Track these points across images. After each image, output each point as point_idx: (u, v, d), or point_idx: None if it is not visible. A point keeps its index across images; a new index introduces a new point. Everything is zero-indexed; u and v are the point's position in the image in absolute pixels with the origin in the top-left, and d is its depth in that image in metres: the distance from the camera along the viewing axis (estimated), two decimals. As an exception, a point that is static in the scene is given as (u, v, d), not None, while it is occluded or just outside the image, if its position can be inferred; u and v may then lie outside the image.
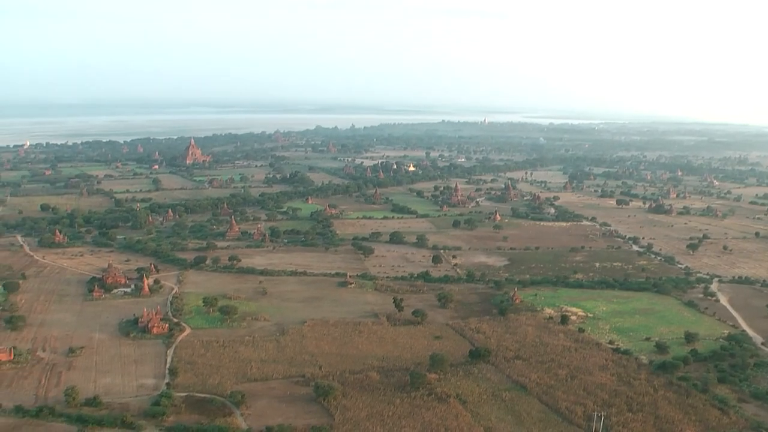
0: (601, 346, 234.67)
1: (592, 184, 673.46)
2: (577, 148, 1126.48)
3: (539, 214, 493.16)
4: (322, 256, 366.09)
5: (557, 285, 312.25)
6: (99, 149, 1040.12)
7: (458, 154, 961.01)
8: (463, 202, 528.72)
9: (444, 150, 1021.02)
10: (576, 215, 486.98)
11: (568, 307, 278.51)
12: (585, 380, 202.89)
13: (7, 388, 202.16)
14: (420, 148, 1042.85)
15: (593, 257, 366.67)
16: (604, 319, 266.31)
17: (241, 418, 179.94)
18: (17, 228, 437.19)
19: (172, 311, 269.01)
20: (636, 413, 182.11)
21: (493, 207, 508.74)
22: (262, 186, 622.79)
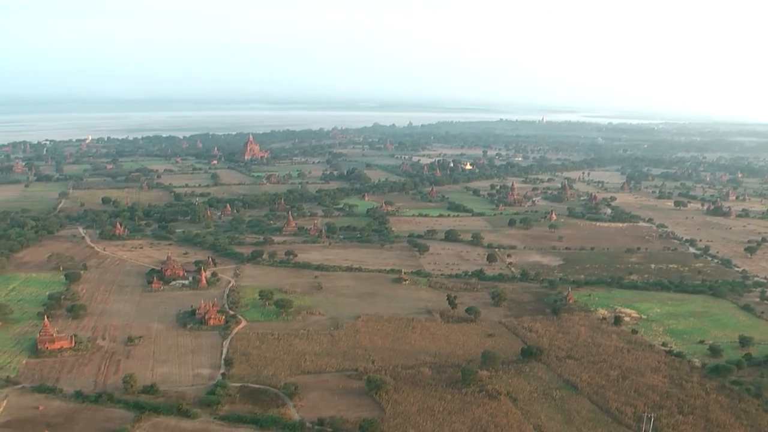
0: (654, 348, 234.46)
1: (650, 185, 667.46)
2: (636, 148, 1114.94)
3: (596, 214, 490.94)
4: (377, 252, 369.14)
5: (611, 286, 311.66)
6: (159, 144, 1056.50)
7: (515, 153, 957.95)
8: (519, 201, 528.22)
9: (501, 149, 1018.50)
10: (633, 216, 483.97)
11: (622, 308, 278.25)
12: (636, 381, 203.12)
13: (68, 374, 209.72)
14: (477, 146, 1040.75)
15: (649, 259, 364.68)
16: (658, 321, 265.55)
17: (294, 409, 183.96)
18: (79, 220, 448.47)
19: (228, 304, 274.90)
20: (686, 416, 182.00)
21: (550, 206, 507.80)
22: (319, 182, 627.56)
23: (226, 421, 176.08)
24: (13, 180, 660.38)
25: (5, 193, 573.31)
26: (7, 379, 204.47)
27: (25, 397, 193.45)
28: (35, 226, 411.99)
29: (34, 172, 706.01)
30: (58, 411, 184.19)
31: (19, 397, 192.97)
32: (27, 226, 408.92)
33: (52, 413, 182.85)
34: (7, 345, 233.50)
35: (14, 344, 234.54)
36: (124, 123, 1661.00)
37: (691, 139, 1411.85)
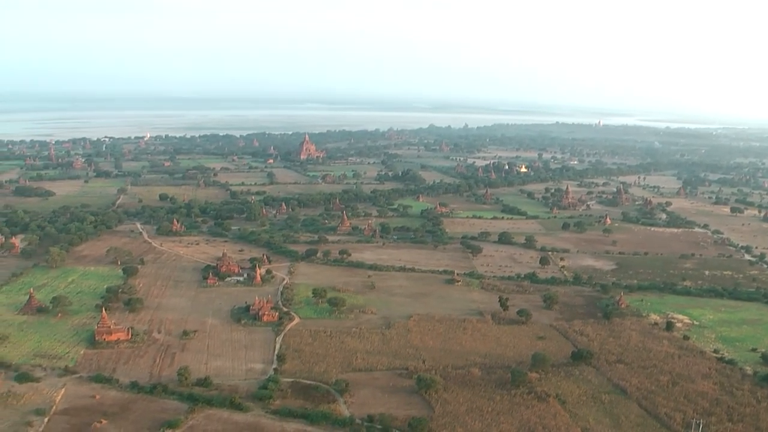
0: (706, 355, 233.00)
1: (706, 190, 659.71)
2: (693, 153, 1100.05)
3: (650, 219, 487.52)
4: (430, 253, 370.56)
5: (664, 291, 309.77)
6: (216, 142, 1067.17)
7: (571, 156, 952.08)
8: (574, 205, 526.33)
9: (557, 152, 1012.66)
10: (688, 222, 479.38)
11: (674, 314, 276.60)
12: (686, 387, 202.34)
13: (124, 365, 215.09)
14: (532, 149, 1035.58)
15: (703, 265, 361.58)
16: (711, 327, 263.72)
17: (344, 405, 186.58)
18: (137, 216, 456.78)
19: (282, 301, 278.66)
20: (736, 423, 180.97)
21: (604, 210, 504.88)
22: (374, 183, 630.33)
23: (278, 415, 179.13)
24: (73, 176, 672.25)
25: (66, 188, 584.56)
26: (65, 368, 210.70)
27: (83, 386, 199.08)
28: (94, 221, 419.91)
29: (93, 168, 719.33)
30: (113, 400, 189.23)
31: (77, 386, 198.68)
32: (86, 221, 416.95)
33: (108, 402, 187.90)
34: (65, 336, 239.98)
35: (73, 335, 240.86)
36: (181, 121, 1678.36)
37: (750, 144, 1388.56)
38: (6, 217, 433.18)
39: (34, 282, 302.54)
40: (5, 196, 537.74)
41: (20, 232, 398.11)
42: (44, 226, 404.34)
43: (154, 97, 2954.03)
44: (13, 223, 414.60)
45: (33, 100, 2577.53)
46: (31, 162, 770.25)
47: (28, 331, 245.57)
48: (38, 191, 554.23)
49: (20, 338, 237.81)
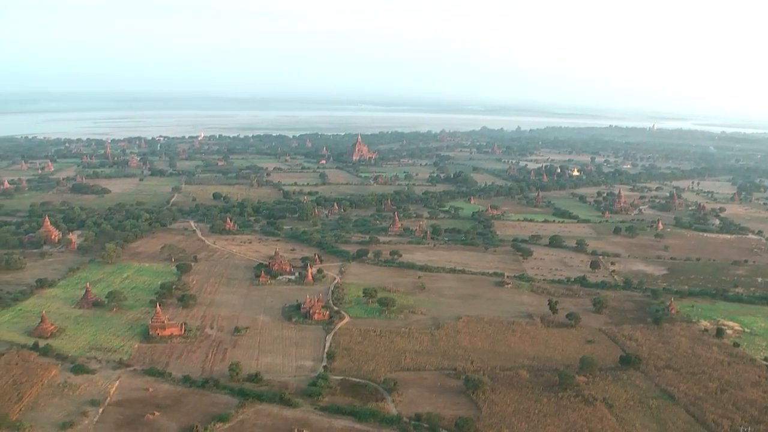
0: (756, 362, 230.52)
1: (761, 196, 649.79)
2: (749, 158, 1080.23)
3: (703, 224, 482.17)
4: (481, 255, 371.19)
5: (716, 298, 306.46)
6: (269, 142, 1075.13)
7: (624, 160, 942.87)
8: (626, 209, 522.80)
9: (609, 155, 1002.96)
10: (742, 228, 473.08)
11: (725, 320, 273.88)
12: (735, 395, 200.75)
13: (177, 359, 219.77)
14: (585, 152, 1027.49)
15: (756, 272, 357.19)
16: (762, 335, 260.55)
17: (392, 404, 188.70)
18: (191, 214, 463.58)
19: (333, 300, 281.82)
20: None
21: (656, 215, 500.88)
22: (426, 184, 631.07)
23: (326, 412, 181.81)
24: (129, 174, 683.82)
25: (121, 186, 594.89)
26: (120, 361, 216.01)
27: (136, 379, 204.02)
28: (149, 219, 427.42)
29: (148, 166, 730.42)
30: (166, 393, 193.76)
31: (131, 379, 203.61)
32: (141, 218, 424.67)
33: (161, 395, 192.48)
34: (120, 329, 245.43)
35: (127, 329, 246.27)
36: (234, 121, 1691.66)
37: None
38: (63, 214, 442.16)
39: (90, 277, 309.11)
40: (63, 193, 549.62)
41: (77, 228, 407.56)
42: (100, 223, 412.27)
43: (208, 97, 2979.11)
44: (70, 220, 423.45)
45: (90, 100, 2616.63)
46: (88, 160, 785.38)
47: (84, 324, 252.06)
48: (94, 189, 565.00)
49: (76, 331, 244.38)
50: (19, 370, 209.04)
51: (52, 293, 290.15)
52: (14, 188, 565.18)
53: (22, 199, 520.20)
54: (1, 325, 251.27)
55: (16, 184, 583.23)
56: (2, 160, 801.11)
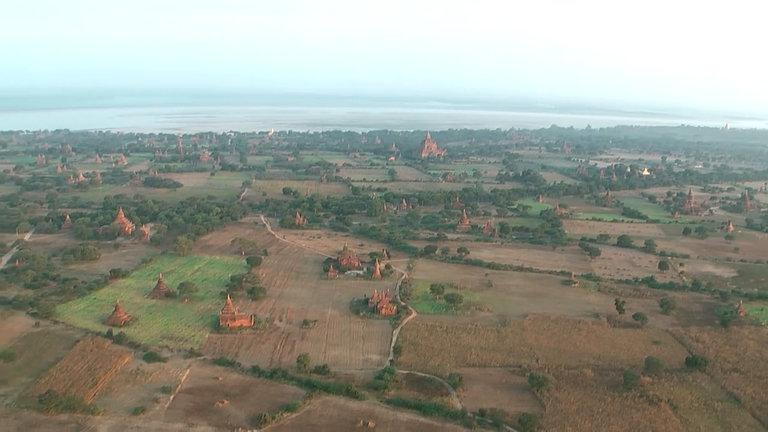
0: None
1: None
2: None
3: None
4: (548, 254, 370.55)
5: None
6: (338, 139, 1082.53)
7: (695, 160, 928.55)
8: (696, 210, 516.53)
9: (681, 155, 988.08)
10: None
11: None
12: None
13: (246, 350, 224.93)
14: (656, 152, 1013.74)
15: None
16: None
17: (457, 399, 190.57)
18: (261, 208, 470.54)
19: (400, 295, 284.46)
20: None
21: (727, 217, 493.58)
22: (495, 182, 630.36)
23: (392, 405, 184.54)
24: (200, 168, 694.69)
25: (193, 180, 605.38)
26: (190, 350, 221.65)
27: (206, 368, 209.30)
28: (220, 212, 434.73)
29: (219, 161, 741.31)
30: (235, 383, 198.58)
31: (201, 368, 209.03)
32: (212, 212, 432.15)
33: (230, 384, 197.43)
34: (192, 320, 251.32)
35: (198, 320, 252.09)
36: (304, 117, 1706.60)
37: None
38: (137, 207, 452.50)
39: (163, 268, 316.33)
40: (136, 187, 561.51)
41: (150, 220, 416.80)
42: (172, 216, 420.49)
43: (278, 93, 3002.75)
44: (143, 212, 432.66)
45: (162, 96, 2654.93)
46: (160, 154, 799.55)
47: (156, 314, 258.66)
48: (167, 182, 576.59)
49: (149, 320, 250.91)
50: (93, 357, 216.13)
51: (125, 283, 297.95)
52: (89, 181, 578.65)
53: (96, 192, 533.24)
54: (77, 313, 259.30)
55: (91, 177, 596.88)
56: (78, 153, 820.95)
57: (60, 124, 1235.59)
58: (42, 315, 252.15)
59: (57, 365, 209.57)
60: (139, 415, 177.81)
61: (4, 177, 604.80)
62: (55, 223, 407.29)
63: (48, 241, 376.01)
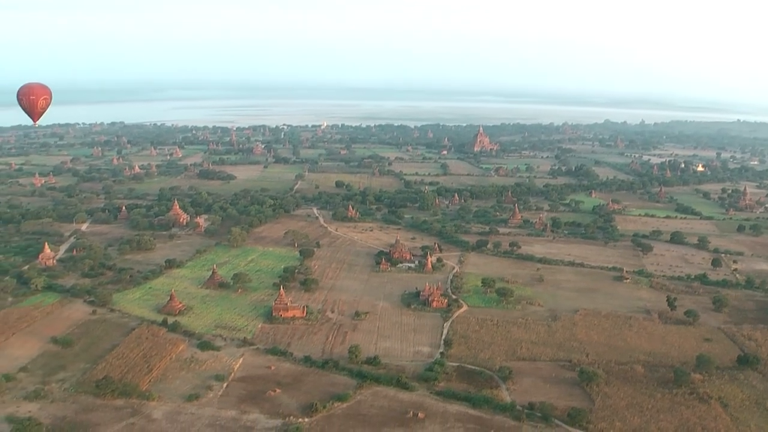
0: None
1: None
2: None
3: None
4: (600, 249, 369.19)
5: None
6: (390, 132, 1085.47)
7: (752, 157, 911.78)
8: (751, 207, 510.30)
9: (736, 151, 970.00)
10: None
11: None
12: None
13: (299, 340, 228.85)
14: (711, 147, 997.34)
15: None
16: None
17: (507, 391, 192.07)
18: (314, 201, 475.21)
19: (451, 288, 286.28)
20: None
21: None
22: (547, 177, 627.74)
23: (441, 397, 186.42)
24: (254, 161, 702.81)
25: (246, 172, 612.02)
26: (244, 339, 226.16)
27: (259, 357, 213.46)
28: (273, 205, 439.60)
29: (272, 154, 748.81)
30: (287, 372, 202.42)
31: (254, 357, 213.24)
32: (266, 204, 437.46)
33: (282, 373, 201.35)
34: (245, 310, 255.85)
35: (251, 309, 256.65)
36: (357, 111, 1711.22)
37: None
38: (191, 198, 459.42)
39: (216, 259, 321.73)
40: (190, 179, 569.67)
41: (204, 212, 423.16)
42: (226, 208, 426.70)
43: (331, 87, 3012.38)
44: (198, 204, 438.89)
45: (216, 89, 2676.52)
46: (214, 147, 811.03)
47: (210, 303, 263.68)
48: (220, 175, 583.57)
49: (203, 310, 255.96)
50: (149, 344, 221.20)
51: (180, 273, 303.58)
52: (144, 173, 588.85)
53: (151, 184, 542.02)
54: (133, 301, 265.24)
55: (147, 169, 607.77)
56: (133, 145, 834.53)
57: (115, 116, 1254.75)
58: (99, 303, 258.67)
59: (113, 352, 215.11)
60: (192, 401, 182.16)
61: (61, 168, 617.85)
62: (111, 214, 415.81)
63: (104, 232, 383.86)
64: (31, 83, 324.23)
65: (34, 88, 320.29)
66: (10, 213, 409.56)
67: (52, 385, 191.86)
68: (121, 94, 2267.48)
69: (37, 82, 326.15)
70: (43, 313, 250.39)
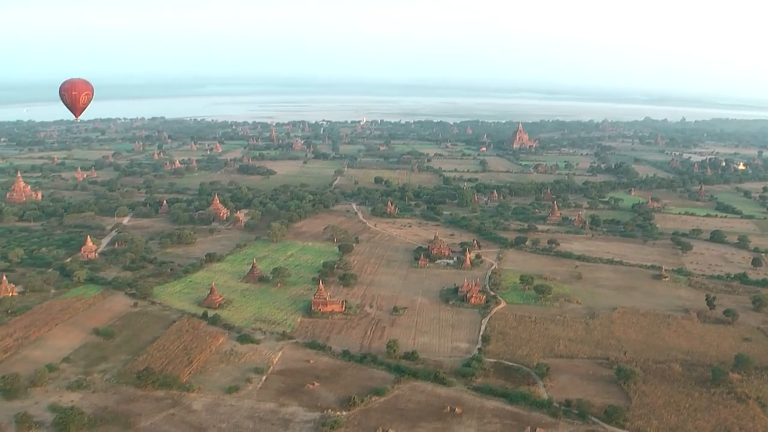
0: None
1: None
2: None
3: None
4: (639, 247, 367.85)
5: None
6: (430, 129, 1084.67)
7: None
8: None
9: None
10: None
11: None
12: None
13: (337, 334, 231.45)
14: (752, 146, 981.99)
15: None
16: None
17: (544, 388, 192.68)
18: (353, 197, 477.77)
19: (489, 285, 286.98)
20: None
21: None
22: (586, 174, 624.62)
23: (478, 392, 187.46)
24: (293, 156, 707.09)
25: (286, 168, 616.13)
26: (283, 333, 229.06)
27: (298, 350, 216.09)
28: (312, 200, 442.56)
29: (312, 149, 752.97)
30: (326, 366, 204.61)
31: (293, 350, 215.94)
32: (305, 200, 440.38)
33: (321, 367, 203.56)
34: (284, 304, 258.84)
35: (290, 304, 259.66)
36: (396, 107, 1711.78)
37: None
38: (231, 193, 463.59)
39: (256, 253, 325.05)
40: (230, 174, 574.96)
41: (244, 207, 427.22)
42: (266, 203, 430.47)
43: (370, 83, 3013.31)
44: (238, 199, 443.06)
45: (255, 84, 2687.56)
46: (254, 142, 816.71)
47: (249, 297, 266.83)
48: (260, 170, 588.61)
49: (243, 303, 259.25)
50: (189, 337, 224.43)
51: (220, 267, 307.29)
52: (185, 168, 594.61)
53: (192, 178, 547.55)
54: (173, 294, 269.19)
55: (187, 163, 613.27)
56: (173, 140, 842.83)
57: (156, 112, 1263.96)
58: (140, 295, 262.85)
59: (154, 344, 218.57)
60: (232, 393, 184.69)
61: (103, 163, 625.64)
62: (152, 208, 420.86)
63: (145, 225, 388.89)
64: (74, 79, 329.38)
65: (76, 84, 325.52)
66: (53, 206, 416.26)
67: (94, 376, 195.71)
68: (162, 90, 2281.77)
69: (79, 78, 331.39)
70: (85, 304, 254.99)
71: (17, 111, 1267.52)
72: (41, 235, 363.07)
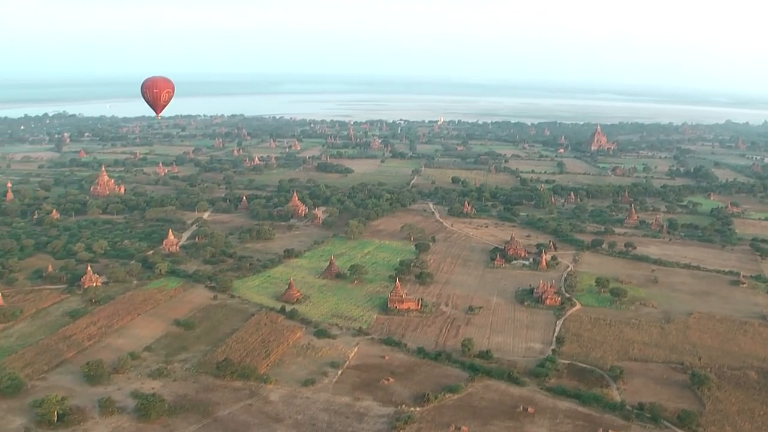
0: None
1: None
2: None
3: None
4: (717, 253, 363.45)
5: None
6: (507, 129, 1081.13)
7: None
8: None
9: None
10: None
11: None
12: None
13: (413, 332, 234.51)
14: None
15: None
16: None
17: (617, 391, 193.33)
18: (430, 196, 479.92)
19: (565, 287, 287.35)
20: None
21: None
22: (665, 178, 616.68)
23: (551, 393, 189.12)
24: (371, 155, 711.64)
25: (364, 166, 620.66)
26: (359, 329, 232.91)
27: (374, 346, 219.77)
28: (390, 199, 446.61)
29: (389, 149, 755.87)
30: (400, 362, 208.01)
31: (369, 346, 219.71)
32: (382, 198, 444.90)
33: (396, 363, 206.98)
34: (360, 301, 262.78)
35: (367, 300, 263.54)
36: (474, 107, 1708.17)
37: None
38: (309, 190, 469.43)
39: (334, 250, 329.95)
40: (308, 171, 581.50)
41: (322, 204, 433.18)
42: (343, 201, 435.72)
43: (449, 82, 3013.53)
44: (316, 196, 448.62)
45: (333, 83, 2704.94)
46: (332, 141, 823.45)
47: (327, 293, 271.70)
48: (338, 168, 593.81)
49: (320, 299, 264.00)
50: (267, 330, 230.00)
51: (298, 263, 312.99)
52: (264, 164, 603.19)
53: (270, 175, 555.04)
54: (252, 288, 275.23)
55: (266, 160, 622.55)
56: (252, 138, 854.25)
57: (235, 109, 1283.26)
58: (219, 289, 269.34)
59: (233, 336, 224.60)
60: (308, 386, 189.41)
61: (184, 158, 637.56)
62: (232, 204, 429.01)
63: (225, 220, 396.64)
64: (155, 76, 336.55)
65: (157, 82, 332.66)
66: (135, 200, 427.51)
67: (174, 365, 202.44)
68: (241, 87, 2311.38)
69: (160, 76, 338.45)
70: (166, 296, 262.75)
71: (100, 107, 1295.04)
72: (124, 227, 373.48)
